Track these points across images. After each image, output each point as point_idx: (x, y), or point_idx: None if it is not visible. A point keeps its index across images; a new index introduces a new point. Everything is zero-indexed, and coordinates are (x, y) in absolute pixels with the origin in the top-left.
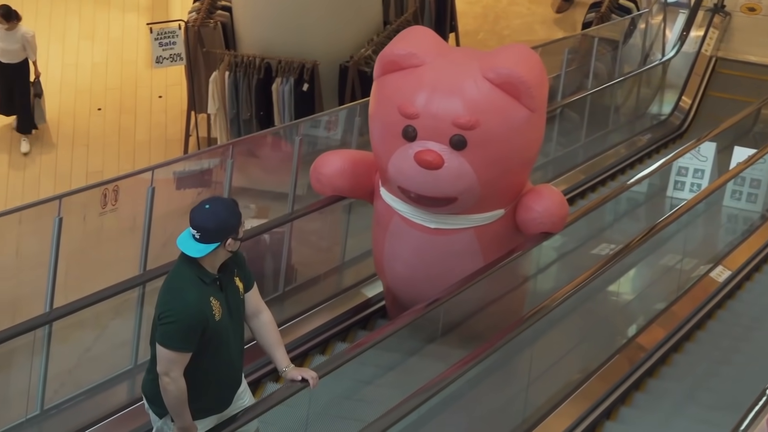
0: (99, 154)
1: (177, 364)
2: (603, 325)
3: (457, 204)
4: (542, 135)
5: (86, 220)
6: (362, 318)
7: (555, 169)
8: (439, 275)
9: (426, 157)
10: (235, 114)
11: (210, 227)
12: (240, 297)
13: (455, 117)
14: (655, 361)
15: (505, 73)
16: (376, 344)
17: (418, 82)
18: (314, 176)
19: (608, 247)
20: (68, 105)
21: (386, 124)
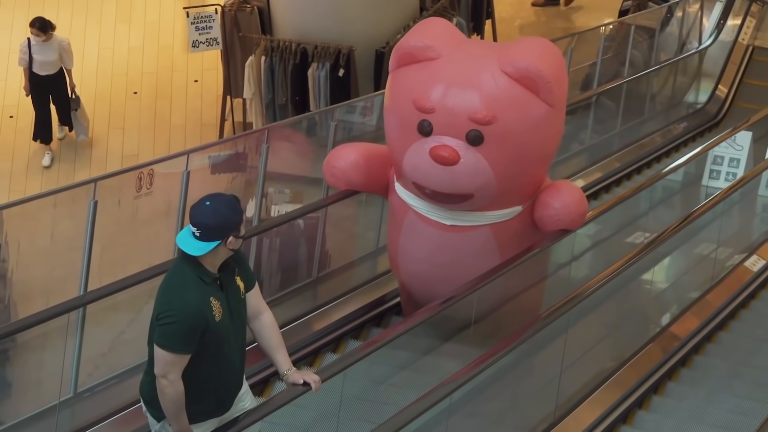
0: (134, 138)
1: (175, 366)
2: (637, 313)
3: (473, 201)
4: (561, 131)
5: (121, 204)
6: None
7: (590, 157)
8: (455, 273)
9: (442, 153)
10: (270, 99)
11: (211, 224)
12: (241, 297)
13: (472, 112)
14: (688, 351)
15: (524, 67)
16: (388, 343)
17: (434, 76)
18: (327, 170)
19: (643, 236)
20: (104, 88)
21: (401, 118)
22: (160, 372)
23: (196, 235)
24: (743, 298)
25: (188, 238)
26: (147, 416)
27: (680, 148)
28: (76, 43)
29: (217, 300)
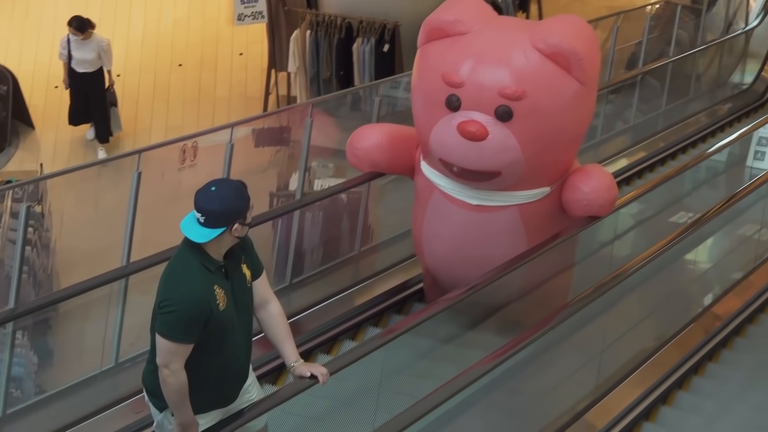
0: (178, 110)
1: (177, 356)
2: (679, 293)
3: (500, 179)
4: (592, 110)
5: (164, 176)
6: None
7: (635, 136)
8: (480, 256)
9: (469, 128)
10: (315, 73)
11: (216, 211)
12: (247, 285)
13: (502, 87)
14: (729, 332)
15: (556, 44)
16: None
17: (464, 50)
18: (350, 151)
19: (686, 215)
20: (149, 60)
21: (429, 93)
22: (162, 361)
23: (200, 222)
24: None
25: (192, 224)
26: (150, 406)
27: (725, 128)
28: (121, 14)
29: (222, 288)
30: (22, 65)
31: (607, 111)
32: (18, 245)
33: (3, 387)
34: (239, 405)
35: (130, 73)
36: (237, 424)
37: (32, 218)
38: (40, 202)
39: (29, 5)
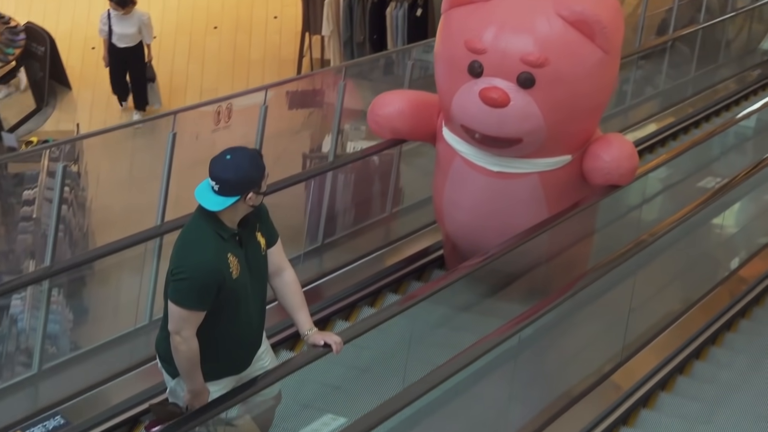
0: (213, 72)
1: (189, 323)
2: (706, 256)
3: (521, 146)
4: (615, 79)
5: (199, 137)
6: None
7: (664, 102)
8: (501, 223)
9: (491, 95)
10: (348, 37)
11: (230, 179)
12: (261, 253)
13: (524, 54)
14: (758, 293)
15: (580, 11)
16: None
17: (487, 17)
18: (371, 118)
19: (714, 180)
20: (185, 22)
21: (452, 59)
22: (173, 328)
23: (214, 190)
24: None
25: (207, 192)
26: (163, 372)
27: (753, 95)
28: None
29: (235, 256)
30: (59, 26)
31: (637, 77)
32: (54, 204)
33: (39, 343)
34: (252, 372)
35: (166, 35)
36: (249, 392)
37: (69, 178)
38: (77, 162)
39: None
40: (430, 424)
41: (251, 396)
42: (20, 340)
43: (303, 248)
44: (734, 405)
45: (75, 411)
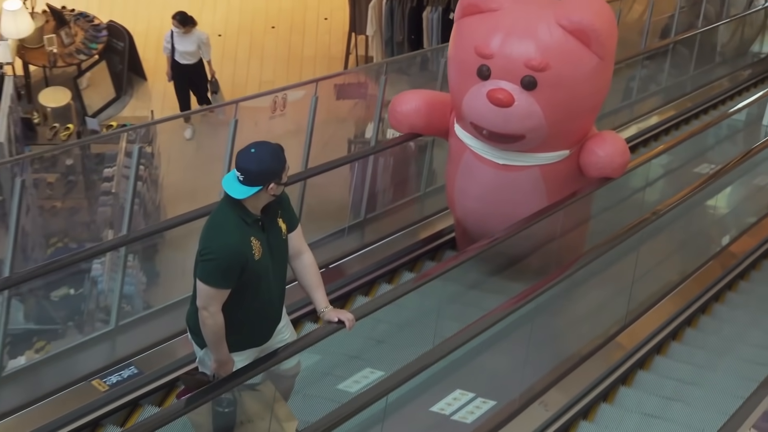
0: (270, 67)
1: (215, 300)
2: (700, 234)
3: (524, 141)
4: (609, 83)
5: (258, 124)
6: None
7: (666, 97)
8: (506, 210)
9: (498, 95)
10: (389, 36)
11: (253, 170)
12: (282, 238)
13: (527, 59)
14: (745, 267)
15: (577, 21)
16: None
17: (495, 25)
18: (392, 114)
19: (709, 167)
20: (246, 23)
21: (463, 63)
22: (201, 304)
23: (240, 180)
24: None
25: (233, 181)
26: (192, 343)
27: (744, 92)
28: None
29: (258, 240)
30: (137, 25)
31: (642, 75)
32: (131, 181)
33: (116, 302)
34: (273, 345)
35: (230, 34)
36: (270, 363)
37: (143, 157)
38: (151, 144)
39: None
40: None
41: (272, 367)
42: (100, 299)
43: (347, 222)
44: (722, 367)
45: (146, 362)
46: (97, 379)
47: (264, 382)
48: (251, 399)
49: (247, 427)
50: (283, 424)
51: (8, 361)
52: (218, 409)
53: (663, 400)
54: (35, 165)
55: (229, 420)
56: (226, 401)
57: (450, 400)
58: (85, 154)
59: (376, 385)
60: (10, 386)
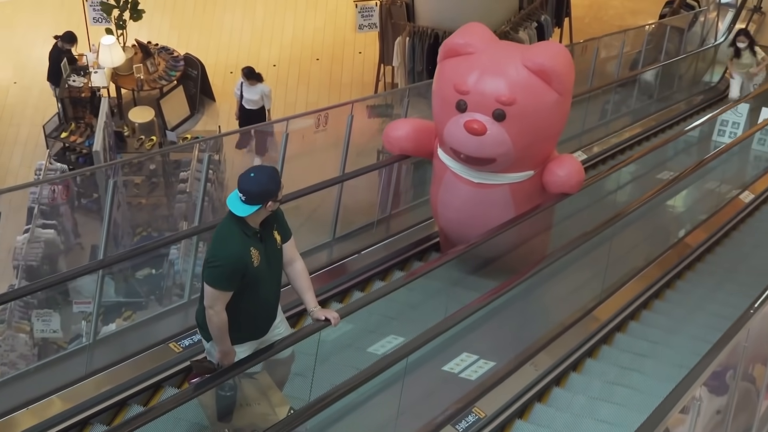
0: (315, 91)
1: (219, 300)
2: (661, 228)
3: (496, 164)
4: (567, 114)
5: (304, 137)
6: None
7: (634, 117)
8: (480, 221)
9: (473, 126)
10: (411, 67)
11: (254, 192)
12: (278, 248)
13: (498, 95)
14: (701, 252)
15: (540, 63)
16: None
17: (471, 66)
18: (385, 139)
19: (668, 174)
20: (296, 55)
21: (444, 97)
22: (208, 304)
23: (242, 200)
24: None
25: (236, 201)
26: (201, 337)
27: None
28: (279, 23)
29: (257, 250)
30: (208, 57)
31: (615, 99)
32: (201, 182)
33: (189, 280)
34: (270, 338)
35: (283, 64)
36: (267, 355)
37: (212, 163)
38: (218, 153)
39: (214, 14)
40: (466, 343)
41: (268, 358)
42: (175, 277)
43: (376, 216)
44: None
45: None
46: (173, 342)
47: (261, 372)
48: (249, 386)
49: (245, 409)
50: (276, 409)
51: (102, 328)
52: (221, 393)
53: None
54: (125, 169)
55: (231, 402)
56: (228, 386)
57: (458, 361)
58: (165, 161)
59: (397, 349)
60: (104, 348)
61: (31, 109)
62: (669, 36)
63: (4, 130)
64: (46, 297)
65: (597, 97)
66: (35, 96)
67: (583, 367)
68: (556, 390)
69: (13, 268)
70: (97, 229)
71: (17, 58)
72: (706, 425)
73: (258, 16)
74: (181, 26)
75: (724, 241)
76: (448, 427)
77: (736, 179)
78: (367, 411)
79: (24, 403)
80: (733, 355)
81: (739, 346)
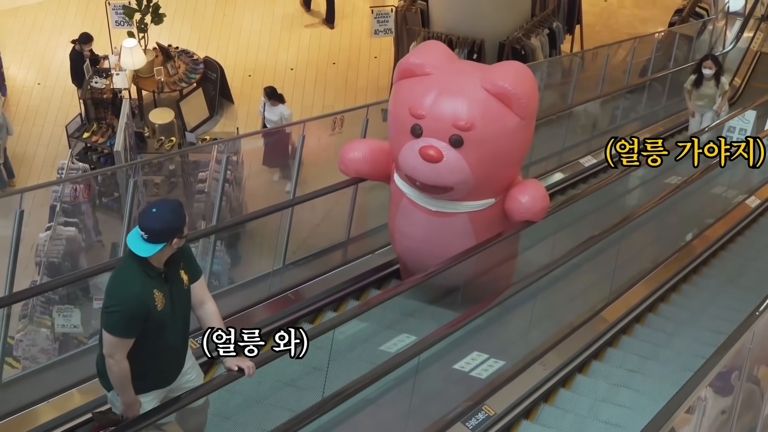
0: (332, 94)
1: (120, 348)
2: (668, 231)
3: (453, 192)
4: (530, 139)
5: (320, 139)
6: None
7: (643, 123)
8: (438, 250)
9: (428, 152)
10: None
11: (157, 229)
12: (185, 288)
13: (455, 119)
14: (707, 255)
15: (501, 85)
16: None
17: (427, 89)
18: (341, 160)
19: (677, 178)
20: (313, 60)
21: (399, 121)
22: (107, 352)
23: (144, 238)
24: (743, 226)
25: (137, 239)
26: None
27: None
28: (297, 29)
29: (160, 292)
30: (227, 60)
31: (625, 105)
32: (220, 182)
33: (206, 277)
34: (179, 385)
35: (300, 68)
36: (176, 407)
37: (230, 164)
38: (236, 154)
39: (233, 18)
40: (479, 340)
41: (178, 410)
42: None
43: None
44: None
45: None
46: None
47: (170, 423)
48: None
49: None
50: None
51: None
52: None
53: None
54: (145, 169)
55: None
56: None
57: (468, 360)
58: (184, 161)
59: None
60: None
61: (54, 109)
62: (678, 44)
63: (28, 129)
64: (67, 293)
65: (607, 103)
66: (58, 97)
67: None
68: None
69: (35, 265)
70: (117, 227)
71: (41, 60)
72: (711, 425)
73: (276, 20)
74: (201, 30)
75: (736, 239)
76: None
77: (742, 185)
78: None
79: (45, 396)
80: (738, 356)
81: (744, 348)
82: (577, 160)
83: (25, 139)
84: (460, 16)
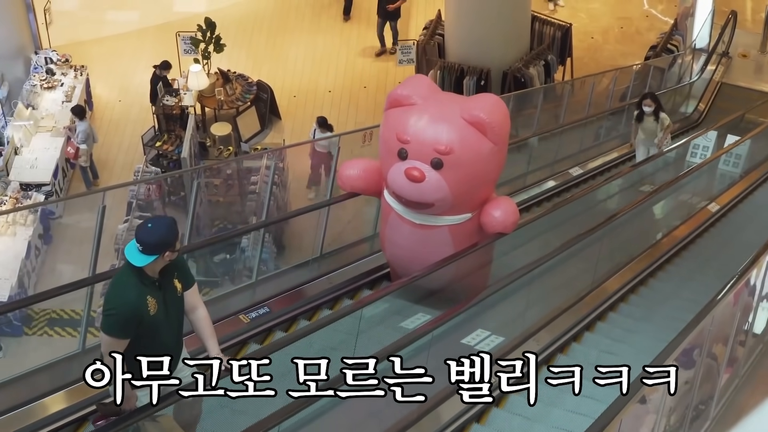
0: (363, 113)
1: (115, 348)
2: (643, 231)
3: (434, 208)
4: (503, 162)
5: (353, 151)
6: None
7: (622, 140)
8: (422, 257)
9: (413, 173)
10: None
11: (151, 243)
12: (178, 295)
13: (436, 144)
14: (677, 250)
15: (476, 115)
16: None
17: (412, 117)
18: (339, 177)
19: (650, 187)
20: (347, 84)
21: (387, 145)
22: (103, 350)
23: (139, 250)
24: (705, 227)
25: (133, 250)
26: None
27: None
28: (332, 56)
29: (154, 298)
30: (276, 82)
31: (607, 125)
32: (268, 185)
33: (256, 264)
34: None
35: (337, 91)
36: (165, 404)
37: (277, 170)
38: (283, 161)
39: (282, 48)
40: (480, 320)
41: (168, 406)
42: (246, 262)
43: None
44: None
45: (274, 305)
46: (243, 314)
47: (165, 415)
48: (152, 428)
49: None
50: None
51: None
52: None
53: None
54: (206, 173)
55: None
56: (131, 429)
57: (474, 336)
58: (239, 167)
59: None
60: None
61: (132, 122)
62: (652, 74)
63: (110, 139)
64: None
65: (592, 123)
66: (135, 112)
67: None
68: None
69: (114, 251)
70: (182, 221)
71: (122, 81)
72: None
73: (318, 49)
74: (255, 57)
75: (696, 241)
76: None
77: (705, 193)
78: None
79: None
80: (700, 336)
81: (705, 329)
82: (566, 170)
83: (108, 146)
84: (471, 49)
